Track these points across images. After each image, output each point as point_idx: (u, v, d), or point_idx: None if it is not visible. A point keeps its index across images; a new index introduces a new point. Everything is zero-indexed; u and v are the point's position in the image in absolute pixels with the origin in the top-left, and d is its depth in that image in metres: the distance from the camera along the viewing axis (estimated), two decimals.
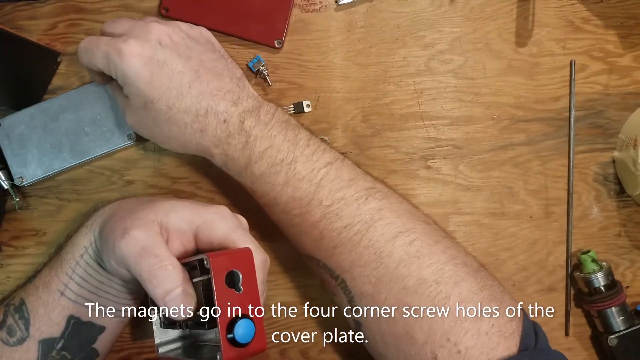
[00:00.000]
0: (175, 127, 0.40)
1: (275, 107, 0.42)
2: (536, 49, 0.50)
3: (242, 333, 0.31)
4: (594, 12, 0.50)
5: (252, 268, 0.33)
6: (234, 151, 0.40)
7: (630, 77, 0.50)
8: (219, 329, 0.30)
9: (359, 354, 0.50)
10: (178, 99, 0.39)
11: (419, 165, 0.50)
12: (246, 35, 0.49)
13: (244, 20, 0.49)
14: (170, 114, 0.39)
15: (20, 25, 0.50)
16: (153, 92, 0.38)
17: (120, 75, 0.39)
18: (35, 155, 0.47)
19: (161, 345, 0.37)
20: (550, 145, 0.50)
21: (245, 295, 0.32)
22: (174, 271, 0.32)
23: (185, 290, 0.32)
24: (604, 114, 0.51)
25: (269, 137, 0.40)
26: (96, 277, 0.41)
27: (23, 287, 0.43)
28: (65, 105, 0.47)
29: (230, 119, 0.39)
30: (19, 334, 0.40)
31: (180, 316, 0.32)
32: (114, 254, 0.34)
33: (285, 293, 0.50)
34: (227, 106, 0.39)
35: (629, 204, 0.51)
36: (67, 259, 0.41)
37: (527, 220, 0.50)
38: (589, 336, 0.50)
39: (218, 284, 0.31)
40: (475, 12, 0.50)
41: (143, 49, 0.38)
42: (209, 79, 0.39)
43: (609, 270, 0.48)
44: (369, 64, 0.50)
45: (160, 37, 0.39)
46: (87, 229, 0.42)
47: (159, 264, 0.32)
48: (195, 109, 0.39)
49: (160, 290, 0.32)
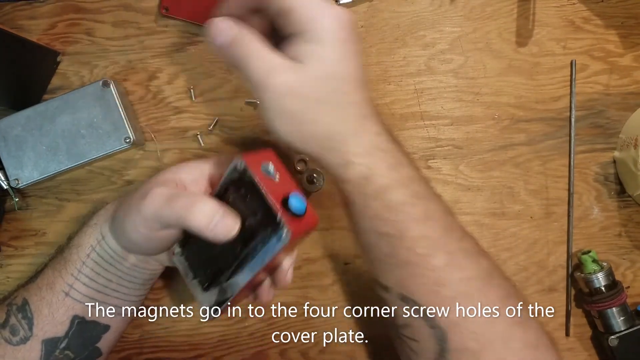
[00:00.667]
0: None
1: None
2: (537, 49, 0.50)
3: (297, 204, 0.32)
4: (595, 11, 0.50)
5: (280, 161, 0.35)
6: (381, 167, 0.36)
7: (630, 77, 0.50)
8: (276, 204, 0.32)
9: (359, 354, 0.50)
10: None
11: (419, 165, 0.50)
12: None
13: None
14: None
15: (19, 25, 0.50)
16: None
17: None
18: (31, 157, 0.47)
19: (213, 308, 0.37)
20: (551, 145, 0.50)
21: (282, 182, 0.34)
22: (209, 200, 0.34)
23: (226, 211, 0.33)
24: (605, 113, 0.51)
25: (416, 168, 0.38)
26: (104, 275, 0.41)
27: (25, 287, 0.43)
28: (62, 107, 0.47)
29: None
30: (22, 333, 0.40)
31: (230, 234, 0.33)
32: (143, 217, 0.35)
33: (285, 293, 0.50)
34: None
35: (630, 204, 0.50)
36: (72, 260, 0.41)
37: (527, 221, 0.50)
38: (589, 336, 0.50)
39: (258, 174, 0.33)
40: (476, 11, 0.50)
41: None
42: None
43: (609, 270, 0.47)
44: (369, 63, 0.50)
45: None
46: (91, 228, 0.42)
47: (192, 199, 0.34)
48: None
49: (203, 219, 0.33)
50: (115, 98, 0.47)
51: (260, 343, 0.50)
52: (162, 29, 0.50)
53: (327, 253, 0.50)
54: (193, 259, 0.38)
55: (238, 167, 0.34)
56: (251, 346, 0.50)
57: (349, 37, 0.34)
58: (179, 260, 0.39)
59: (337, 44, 0.34)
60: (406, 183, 0.36)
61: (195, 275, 0.38)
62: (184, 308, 0.50)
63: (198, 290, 0.38)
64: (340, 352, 0.50)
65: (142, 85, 0.50)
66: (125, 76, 0.50)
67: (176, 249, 0.39)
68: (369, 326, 0.50)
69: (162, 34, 0.50)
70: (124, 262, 0.41)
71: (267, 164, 0.34)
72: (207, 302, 0.37)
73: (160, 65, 0.50)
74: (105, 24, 0.50)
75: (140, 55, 0.50)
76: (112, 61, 0.50)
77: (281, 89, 0.34)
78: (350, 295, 0.50)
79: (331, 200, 0.50)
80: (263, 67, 0.34)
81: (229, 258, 0.35)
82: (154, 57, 0.50)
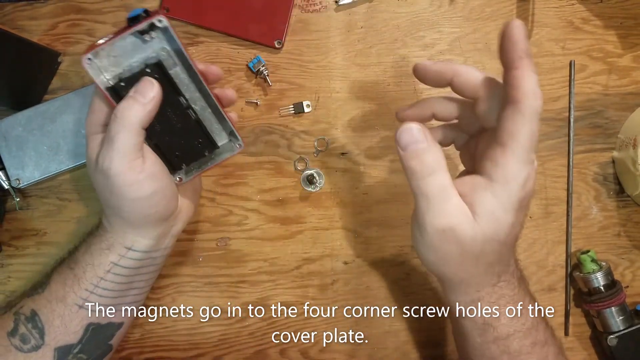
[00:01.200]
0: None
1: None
2: (536, 49, 0.50)
3: (132, 14, 0.34)
4: (594, 12, 0.51)
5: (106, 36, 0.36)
6: (508, 289, 0.37)
7: (629, 77, 0.51)
8: (131, 30, 0.34)
9: (359, 353, 0.50)
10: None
11: None
12: (246, 36, 0.49)
13: (245, 20, 0.49)
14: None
15: (20, 25, 0.50)
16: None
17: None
18: (32, 157, 0.47)
19: (232, 141, 0.40)
20: (550, 145, 0.51)
21: (117, 31, 0.35)
22: (121, 102, 0.35)
23: (134, 88, 0.35)
24: (604, 114, 0.51)
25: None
26: (126, 281, 0.40)
27: (31, 297, 0.41)
28: (62, 107, 0.47)
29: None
30: (34, 342, 0.39)
31: (156, 88, 0.35)
32: (112, 171, 0.35)
33: (285, 293, 0.50)
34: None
35: (629, 204, 0.51)
36: (86, 277, 0.39)
37: (526, 220, 0.50)
38: (588, 336, 0.50)
39: (104, 44, 0.34)
40: (475, 12, 0.50)
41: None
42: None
43: (608, 270, 0.48)
44: (369, 64, 0.51)
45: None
46: (107, 250, 0.39)
47: (113, 117, 0.35)
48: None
49: (133, 110, 0.34)
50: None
51: (260, 342, 0.50)
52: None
53: (327, 253, 0.50)
54: (187, 157, 0.40)
55: (88, 63, 0.34)
56: (251, 345, 0.50)
57: (527, 204, 0.34)
58: (188, 173, 0.40)
59: (517, 209, 0.32)
60: (526, 333, 0.37)
61: (203, 155, 0.40)
62: (184, 308, 0.50)
63: (217, 153, 0.40)
64: (340, 351, 0.50)
65: None
66: None
67: (177, 176, 0.40)
68: (369, 326, 0.50)
69: None
70: (153, 254, 0.41)
71: (97, 41, 0.35)
72: (228, 145, 0.40)
73: None
74: (106, 24, 0.50)
75: None
76: None
77: (449, 236, 0.33)
78: (350, 295, 0.50)
79: (331, 200, 0.50)
80: (440, 208, 0.32)
81: (190, 118, 0.38)
82: None
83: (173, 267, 0.50)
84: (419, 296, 0.50)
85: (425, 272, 0.50)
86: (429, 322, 0.50)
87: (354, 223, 0.50)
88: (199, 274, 0.50)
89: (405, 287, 0.50)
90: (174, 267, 0.50)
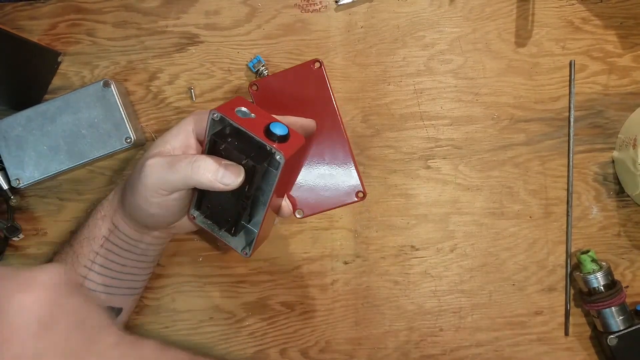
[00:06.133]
0: None
1: None
2: (536, 49, 0.50)
3: (278, 130, 0.35)
4: (594, 12, 0.51)
5: (250, 103, 0.38)
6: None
7: (629, 77, 0.51)
8: (262, 137, 0.35)
9: (359, 353, 0.50)
10: None
11: (419, 165, 0.50)
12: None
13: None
14: None
15: (20, 25, 0.50)
16: None
17: None
18: (32, 157, 0.47)
19: (244, 249, 0.42)
20: (550, 145, 0.51)
21: (259, 118, 0.37)
22: (207, 157, 0.36)
23: (226, 163, 0.36)
24: (604, 114, 0.51)
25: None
26: (118, 261, 0.42)
27: None
28: (62, 107, 0.47)
29: None
30: None
31: (239, 179, 0.35)
32: (151, 188, 0.37)
33: (285, 293, 0.50)
34: None
35: (629, 204, 0.51)
36: (84, 252, 0.42)
37: (526, 220, 0.50)
38: (588, 336, 0.50)
39: (236, 119, 0.36)
40: (475, 12, 0.50)
41: None
42: None
43: (608, 270, 0.48)
44: (369, 64, 0.51)
45: None
46: (101, 221, 0.43)
47: (192, 158, 0.36)
48: None
49: (209, 173, 0.35)
50: (116, 98, 0.47)
51: (260, 342, 0.50)
52: (162, 30, 0.50)
53: (327, 253, 0.50)
54: (212, 214, 0.41)
55: (215, 118, 0.36)
56: (251, 345, 0.50)
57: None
58: (201, 221, 0.41)
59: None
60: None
61: (221, 227, 0.41)
62: (184, 308, 0.50)
63: (229, 238, 0.41)
64: (340, 351, 0.50)
65: (142, 85, 0.50)
66: (126, 76, 0.50)
67: (194, 213, 0.41)
68: (369, 326, 0.50)
69: (163, 34, 0.50)
70: (139, 245, 0.43)
71: (240, 108, 0.37)
72: (240, 245, 0.41)
73: (161, 66, 0.50)
74: (106, 24, 0.50)
75: (141, 56, 0.50)
76: (113, 61, 0.50)
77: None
78: (350, 295, 0.50)
79: None
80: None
81: (241, 201, 0.38)
82: (155, 57, 0.50)
83: (173, 267, 0.50)
84: (419, 296, 0.50)
85: (425, 272, 0.50)
86: (428, 322, 0.50)
87: (354, 223, 0.51)
88: (199, 274, 0.51)
89: (405, 287, 0.50)
90: (174, 267, 0.50)
